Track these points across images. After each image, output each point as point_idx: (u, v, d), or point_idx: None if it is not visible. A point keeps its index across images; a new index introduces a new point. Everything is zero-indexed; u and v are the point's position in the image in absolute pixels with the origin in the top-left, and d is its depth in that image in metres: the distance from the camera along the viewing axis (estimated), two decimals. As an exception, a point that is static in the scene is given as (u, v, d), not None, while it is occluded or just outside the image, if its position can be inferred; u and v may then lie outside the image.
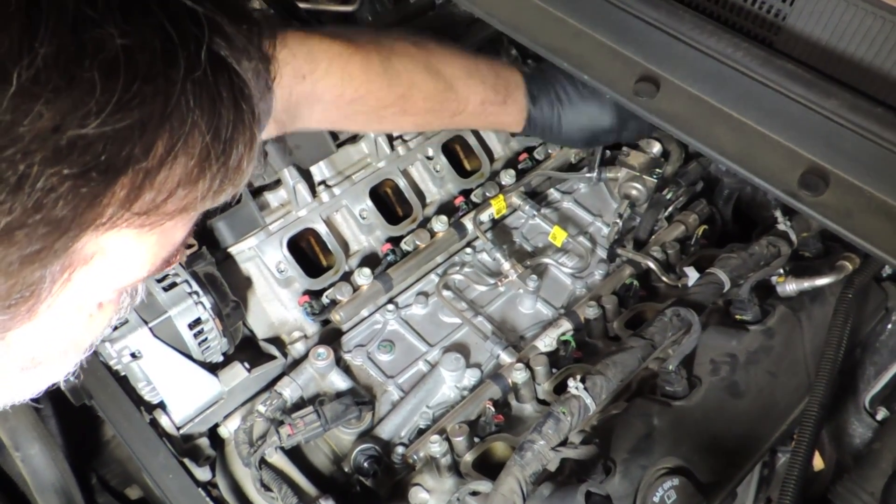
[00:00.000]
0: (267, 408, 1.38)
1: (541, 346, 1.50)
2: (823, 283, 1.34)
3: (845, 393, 1.64)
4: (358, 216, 1.63)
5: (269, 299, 1.54)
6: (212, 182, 0.59)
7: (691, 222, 1.74)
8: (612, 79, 1.05)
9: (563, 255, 1.72)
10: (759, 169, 0.96)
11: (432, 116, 1.36)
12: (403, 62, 1.26)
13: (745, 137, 0.99)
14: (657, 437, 1.18)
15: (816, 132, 0.95)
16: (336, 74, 1.18)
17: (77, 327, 0.66)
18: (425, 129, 1.49)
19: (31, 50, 0.47)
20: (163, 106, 0.52)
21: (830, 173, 0.94)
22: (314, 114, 1.22)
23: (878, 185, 0.92)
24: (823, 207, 0.93)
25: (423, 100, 1.30)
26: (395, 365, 1.53)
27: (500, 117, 1.44)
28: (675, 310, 1.24)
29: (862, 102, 0.93)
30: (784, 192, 0.94)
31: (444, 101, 1.32)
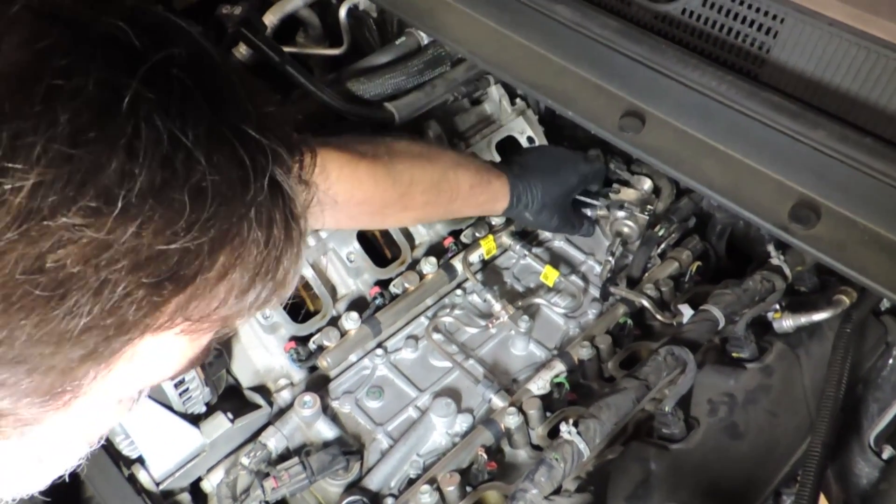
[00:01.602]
0: (250, 460, 1.34)
1: (534, 388, 1.46)
2: (821, 319, 1.30)
3: (849, 431, 1.59)
4: (345, 259, 1.60)
5: (254, 346, 1.50)
6: (259, 294, 0.63)
7: (685, 259, 1.71)
8: (596, 114, 1.04)
9: (555, 295, 1.69)
10: (749, 202, 0.93)
11: (431, 208, 1.42)
12: (403, 161, 1.34)
13: (733, 170, 0.96)
14: (655, 482, 1.13)
15: (805, 164, 0.93)
16: (346, 180, 1.26)
17: (97, 421, 0.69)
18: (423, 221, 1.57)
19: (132, 176, 0.52)
20: (232, 226, 0.58)
21: (821, 205, 0.92)
22: (320, 217, 1.28)
23: (870, 217, 0.90)
24: (816, 241, 0.90)
25: (421, 193, 1.36)
26: (384, 412, 1.49)
27: (487, 195, 1.49)
28: (668, 349, 1.21)
29: (850, 133, 0.91)
30: (775, 226, 0.91)
31: (440, 191, 1.39)
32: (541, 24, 1.17)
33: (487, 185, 1.47)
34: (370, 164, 1.29)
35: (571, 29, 1.14)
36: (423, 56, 1.55)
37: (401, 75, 1.52)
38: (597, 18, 1.12)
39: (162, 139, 0.53)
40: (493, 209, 1.54)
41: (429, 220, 1.59)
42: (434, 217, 1.53)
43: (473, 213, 1.57)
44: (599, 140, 1.99)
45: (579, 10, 1.13)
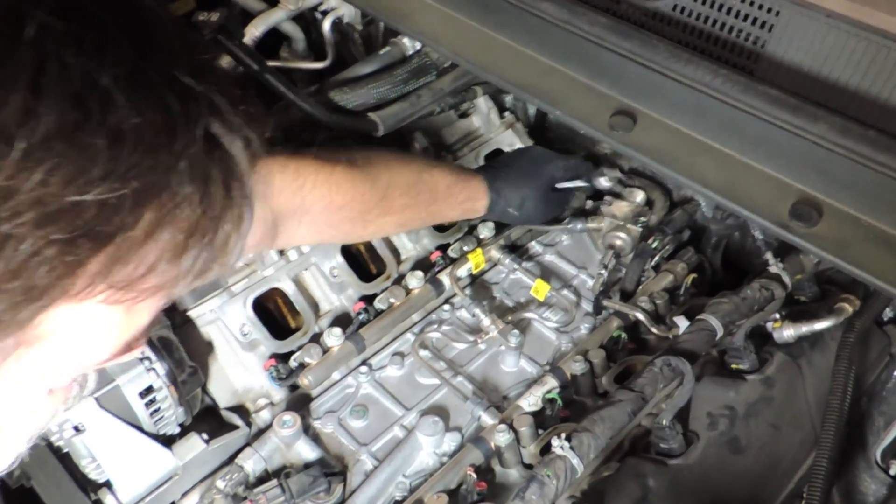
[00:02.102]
0: (226, 483, 1.27)
1: (525, 405, 1.39)
2: (823, 327, 1.25)
3: (854, 447, 1.53)
4: (328, 274, 1.54)
5: (233, 365, 1.43)
6: (196, 259, 0.56)
7: (679, 271, 1.65)
8: (585, 114, 0.99)
9: (546, 310, 1.63)
10: (747, 201, 0.88)
11: (412, 212, 1.39)
12: (379, 165, 1.32)
13: (729, 169, 0.91)
14: (653, 499, 1.07)
15: (805, 160, 0.88)
16: (323, 186, 1.23)
17: (24, 414, 0.62)
18: (406, 226, 1.50)
19: (35, 115, 0.47)
20: (159, 178, 0.52)
21: (823, 203, 0.87)
22: (301, 227, 1.25)
23: (875, 213, 0.85)
24: (818, 239, 0.85)
25: (399, 196, 1.33)
26: (368, 431, 1.42)
27: (466, 193, 1.47)
28: (665, 359, 1.15)
29: (852, 125, 0.86)
30: (775, 225, 0.86)
31: (419, 192, 1.36)
32: (526, 22, 1.13)
33: (465, 184, 1.45)
34: (346, 169, 1.26)
35: (559, 27, 1.10)
36: (407, 65, 1.51)
37: (385, 85, 1.48)
38: (585, 16, 1.07)
39: (73, 76, 0.48)
40: (475, 209, 1.50)
41: (412, 226, 1.52)
42: (416, 221, 1.47)
43: (456, 215, 1.52)
44: (591, 155, 1.97)
45: (567, 8, 1.09)
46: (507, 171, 1.54)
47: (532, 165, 1.58)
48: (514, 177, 1.53)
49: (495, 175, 1.52)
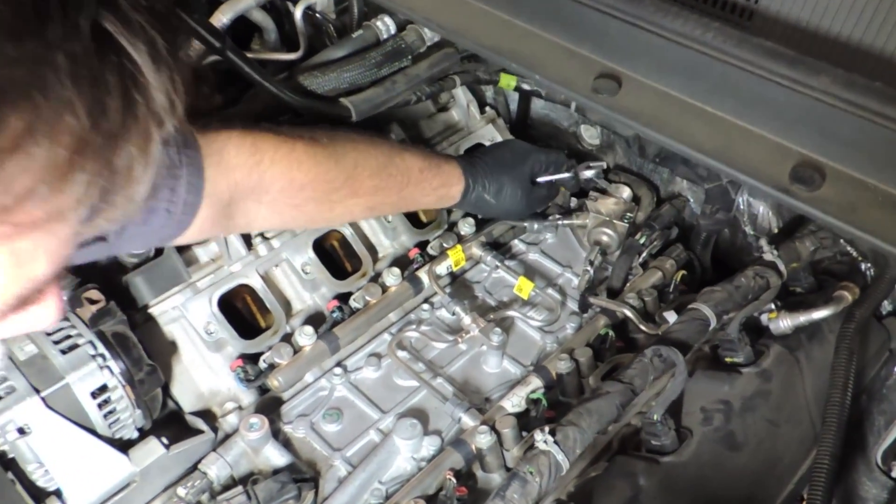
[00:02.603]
0: (188, 490, 1.18)
1: (508, 406, 1.31)
2: (822, 316, 1.18)
3: (853, 449, 1.46)
4: (300, 271, 1.46)
5: (198, 366, 1.35)
6: (88, 186, 0.46)
7: (668, 268, 1.59)
8: (567, 77, 0.92)
9: (530, 309, 1.56)
10: (744, 165, 0.82)
11: (382, 194, 1.31)
12: (345, 145, 1.25)
13: (723, 132, 0.85)
14: (645, 499, 0.99)
15: (806, 119, 0.81)
16: (283, 161, 1.15)
17: None
18: (377, 211, 1.41)
19: None
20: (26, 73, 0.42)
21: (826, 165, 0.80)
22: (261, 208, 1.17)
23: (884, 175, 0.78)
24: (822, 203, 0.78)
25: (368, 177, 1.26)
26: (342, 436, 1.34)
27: (441, 179, 1.39)
28: (655, 349, 1.08)
29: (857, 78, 0.80)
30: (775, 189, 0.80)
31: (389, 175, 1.29)
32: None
33: (439, 169, 1.38)
34: (309, 145, 1.18)
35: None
36: (381, 49, 1.44)
37: (357, 69, 1.41)
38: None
39: None
40: (450, 195, 1.42)
41: (383, 211, 1.44)
42: (387, 206, 1.39)
43: (431, 201, 1.42)
44: (574, 152, 1.91)
45: (544, -31, 1.02)
46: (484, 159, 1.47)
47: (511, 156, 1.51)
48: (492, 165, 1.46)
49: (472, 162, 1.45)
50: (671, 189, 1.74)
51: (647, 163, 1.74)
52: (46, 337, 1.11)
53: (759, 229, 1.60)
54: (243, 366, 1.34)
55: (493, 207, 1.50)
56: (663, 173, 1.73)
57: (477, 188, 1.44)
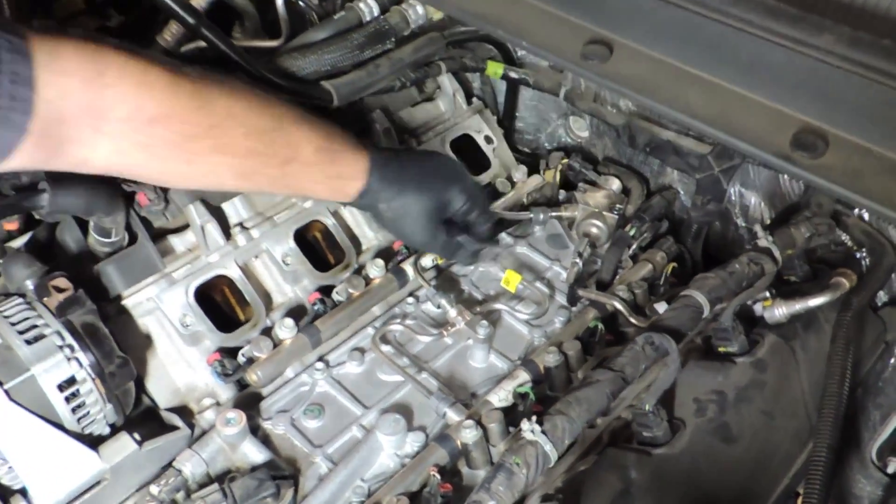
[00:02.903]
0: (161, 488, 1.13)
1: (494, 400, 1.27)
2: (818, 304, 1.14)
3: (847, 445, 1.43)
4: (281, 262, 1.42)
5: (174, 360, 1.30)
6: None
7: (659, 260, 1.55)
8: (556, 44, 0.88)
9: (518, 302, 1.51)
10: (742, 131, 0.78)
11: (258, 161, 1.10)
12: (221, 89, 1.05)
13: (720, 98, 0.81)
14: (636, 493, 0.95)
15: (807, 83, 0.77)
16: (131, 81, 0.94)
17: None
18: (250, 181, 1.14)
19: None
20: None
21: (829, 132, 0.77)
22: (99, 139, 0.94)
23: (891, 141, 0.74)
24: (826, 170, 0.74)
25: (243, 136, 1.06)
26: (324, 432, 1.29)
27: (339, 167, 1.19)
28: (647, 336, 1.04)
29: (863, 35, 0.76)
30: (775, 157, 0.76)
31: (272, 143, 1.10)
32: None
33: (341, 156, 1.19)
34: (169, 73, 0.97)
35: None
36: (363, 30, 1.40)
37: (338, 50, 1.36)
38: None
39: None
40: (345, 190, 1.22)
41: (259, 183, 1.17)
42: (264, 179, 1.14)
43: (322, 190, 1.21)
44: (563, 146, 1.87)
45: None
46: (402, 164, 1.27)
47: (433, 173, 1.30)
48: (407, 176, 1.26)
49: (386, 162, 1.24)
50: (661, 181, 1.71)
51: (637, 154, 1.71)
52: (10, 326, 1.06)
53: (751, 221, 1.56)
54: (221, 360, 1.29)
55: (387, 223, 1.30)
56: (654, 165, 1.70)
57: (378, 195, 1.24)
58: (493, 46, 1.74)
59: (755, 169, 1.49)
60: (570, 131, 1.83)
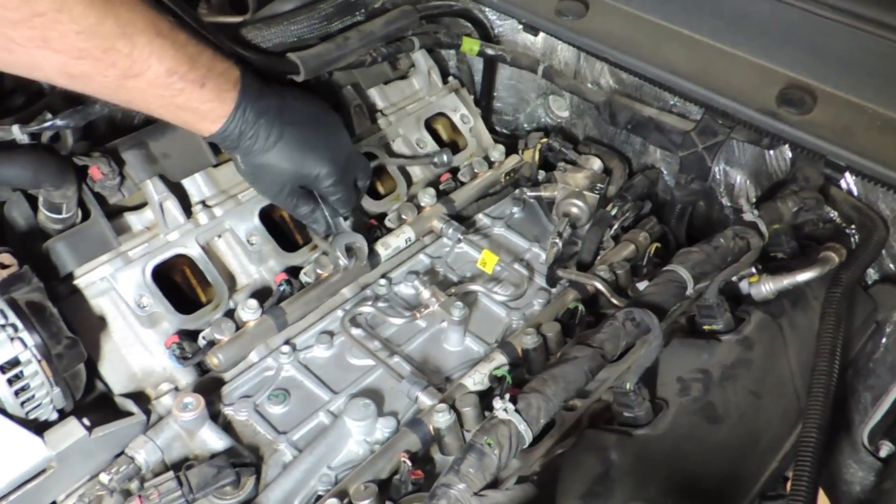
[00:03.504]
0: (111, 477, 1.06)
1: (469, 384, 1.21)
2: (806, 279, 1.09)
3: (837, 429, 1.38)
4: (245, 242, 1.35)
5: (130, 343, 1.23)
6: None
7: (641, 241, 1.50)
8: (528, 1, 0.82)
9: (495, 284, 1.46)
10: (725, 87, 0.73)
11: (90, 64, 0.97)
12: None
13: (702, 55, 0.76)
14: (617, 476, 0.89)
15: (794, 35, 0.73)
16: None
17: None
18: (81, 84, 1.01)
19: None
20: None
21: (816, 88, 0.71)
22: None
23: (883, 97, 0.69)
24: (814, 126, 0.69)
25: (75, 34, 0.93)
26: (289, 418, 1.23)
27: (191, 101, 1.07)
28: (628, 312, 0.98)
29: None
30: (760, 113, 0.71)
31: (110, 49, 0.97)
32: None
33: (196, 87, 1.05)
34: None
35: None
36: (331, 1, 1.33)
37: (305, 21, 1.29)
38: None
39: None
40: (195, 126, 1.12)
41: (92, 89, 1.03)
42: (97, 87, 1.02)
43: (167, 116, 1.10)
44: (542, 126, 1.82)
45: None
46: (272, 119, 1.16)
47: (304, 140, 1.20)
48: (273, 135, 1.16)
49: (255, 112, 1.13)
50: (644, 161, 1.65)
51: (619, 132, 1.65)
52: (-52, 305, 0.98)
53: (736, 200, 1.51)
54: (180, 342, 1.22)
55: (242, 173, 1.23)
56: (636, 144, 1.64)
57: (232, 144, 1.15)
58: (469, 23, 1.68)
59: (740, 146, 1.43)
60: (550, 111, 1.77)
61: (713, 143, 1.43)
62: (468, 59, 1.77)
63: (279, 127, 1.16)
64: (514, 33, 1.68)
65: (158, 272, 1.26)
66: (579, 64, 1.60)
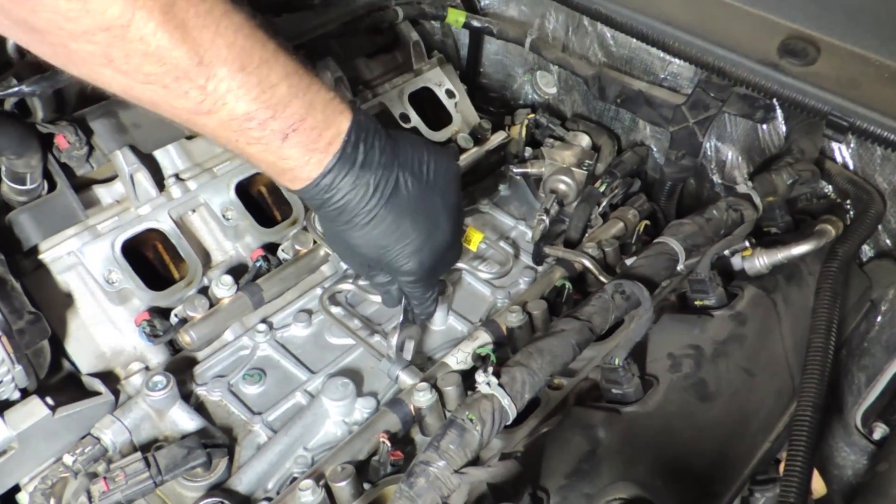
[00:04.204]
0: (76, 458, 1.01)
1: (452, 363, 1.16)
2: (802, 252, 1.05)
3: (828, 412, 1.34)
4: (221, 217, 1.30)
5: (98, 321, 1.18)
6: None
7: (630, 218, 1.45)
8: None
9: (480, 262, 1.41)
10: (724, 38, 0.68)
11: (157, 92, 0.79)
12: None
13: (697, 5, 0.72)
14: (604, 454, 0.85)
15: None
16: None
17: None
18: (149, 105, 0.82)
19: None
20: None
21: (820, 39, 0.67)
22: None
23: (891, 48, 0.65)
24: (818, 77, 0.65)
25: (142, 55, 0.75)
26: (264, 399, 1.18)
27: (267, 153, 0.87)
28: (617, 284, 0.94)
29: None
30: (761, 64, 0.67)
31: (182, 78, 0.77)
32: None
33: (278, 137, 0.85)
34: None
35: None
36: (311, -35, 1.29)
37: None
38: None
39: None
40: (278, 176, 0.92)
41: (162, 111, 0.83)
42: (167, 113, 0.83)
43: (242, 156, 0.89)
44: (530, 103, 1.77)
45: None
46: (391, 172, 0.94)
47: (401, 233, 0.98)
48: (397, 185, 0.95)
49: (365, 162, 0.91)
50: (633, 138, 1.61)
51: (608, 109, 1.61)
52: None
53: (727, 177, 1.47)
54: (150, 320, 1.18)
55: (338, 245, 1.04)
56: (625, 120, 1.60)
57: (315, 204, 0.94)
58: (455, -5, 1.63)
59: (732, 120, 1.39)
60: (537, 87, 1.73)
61: (705, 118, 1.38)
62: (454, 33, 1.73)
63: (374, 207, 0.94)
64: (501, 5, 1.63)
65: (129, 247, 1.21)
66: (568, 37, 1.56)
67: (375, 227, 0.96)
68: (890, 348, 1.21)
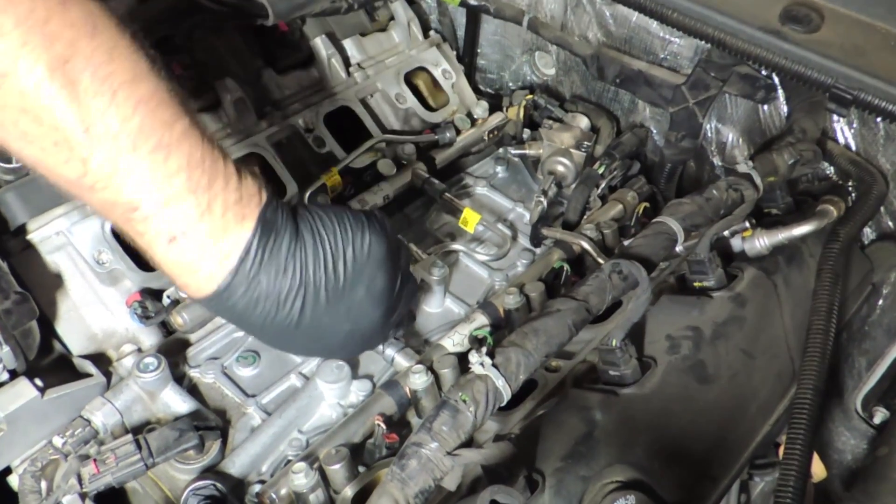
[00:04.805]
0: (66, 440, 1.00)
1: (448, 345, 1.15)
2: (803, 233, 1.03)
3: (828, 397, 1.33)
4: (213, 198, 1.27)
5: (89, 302, 1.16)
6: None
7: (629, 200, 1.44)
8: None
9: (477, 244, 1.39)
10: (723, 4, 0.66)
11: (37, 155, 0.70)
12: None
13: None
14: (601, 437, 0.84)
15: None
16: None
17: None
18: (27, 159, 0.72)
19: None
20: None
21: (823, 6, 0.65)
22: None
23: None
24: (822, 45, 0.63)
25: (19, 110, 0.66)
26: (259, 381, 1.16)
27: (163, 253, 0.77)
28: (614, 264, 0.92)
29: None
30: (762, 31, 0.64)
31: (61, 143, 0.68)
32: None
33: (163, 239, 0.75)
34: None
35: None
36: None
37: (277, -38, 1.22)
38: None
39: None
40: (189, 280, 0.79)
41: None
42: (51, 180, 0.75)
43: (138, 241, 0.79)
44: (528, 84, 1.74)
45: None
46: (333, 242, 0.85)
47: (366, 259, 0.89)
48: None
49: (279, 269, 0.81)
50: (633, 119, 1.59)
51: (607, 90, 1.59)
52: None
53: (728, 159, 1.45)
54: (142, 301, 1.16)
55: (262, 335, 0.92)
56: (624, 102, 1.58)
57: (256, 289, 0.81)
58: (452, -26, 1.61)
59: (733, 101, 1.37)
60: (536, 68, 1.71)
61: (705, 98, 1.37)
62: (450, 13, 1.70)
63: (284, 320, 0.84)
64: (499, -16, 1.60)
65: (119, 226, 1.19)
66: (566, 16, 1.53)
67: (289, 341, 0.89)
68: (891, 332, 1.20)
